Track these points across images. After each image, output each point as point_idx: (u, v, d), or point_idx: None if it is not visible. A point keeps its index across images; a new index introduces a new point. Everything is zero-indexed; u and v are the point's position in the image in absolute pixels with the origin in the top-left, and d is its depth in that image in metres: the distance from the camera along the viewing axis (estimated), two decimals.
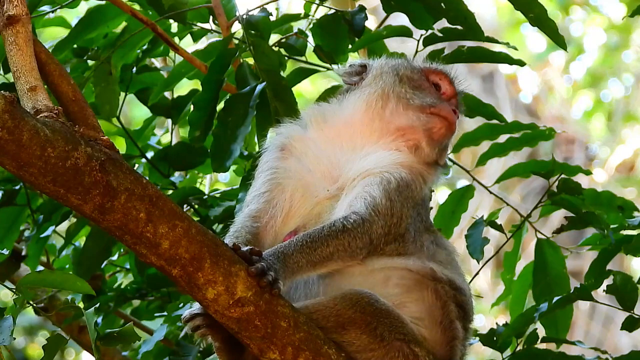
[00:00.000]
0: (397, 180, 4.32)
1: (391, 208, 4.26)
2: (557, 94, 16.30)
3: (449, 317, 4.22)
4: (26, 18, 4.05)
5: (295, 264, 4.02)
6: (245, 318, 3.86)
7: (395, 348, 4.08)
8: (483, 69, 15.29)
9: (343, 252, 4.12)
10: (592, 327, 14.15)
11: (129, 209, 3.70)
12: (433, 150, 4.45)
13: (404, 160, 4.39)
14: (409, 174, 4.37)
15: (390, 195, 4.27)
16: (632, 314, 4.89)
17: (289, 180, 4.38)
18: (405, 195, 4.31)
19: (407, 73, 4.56)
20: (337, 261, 4.12)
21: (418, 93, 4.51)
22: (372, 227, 4.19)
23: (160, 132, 6.43)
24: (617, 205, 5.30)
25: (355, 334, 4.05)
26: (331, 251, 4.10)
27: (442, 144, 4.48)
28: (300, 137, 4.47)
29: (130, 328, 4.25)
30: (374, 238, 4.19)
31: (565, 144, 15.37)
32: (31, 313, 6.72)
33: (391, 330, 4.08)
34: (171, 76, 5.69)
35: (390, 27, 5.41)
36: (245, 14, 5.50)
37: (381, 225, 4.21)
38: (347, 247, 4.13)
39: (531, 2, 5.03)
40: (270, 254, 3.98)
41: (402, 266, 4.24)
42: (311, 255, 4.06)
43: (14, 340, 4.08)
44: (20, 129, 3.52)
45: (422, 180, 4.42)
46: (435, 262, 4.32)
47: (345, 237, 4.13)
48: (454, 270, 4.38)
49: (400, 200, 4.29)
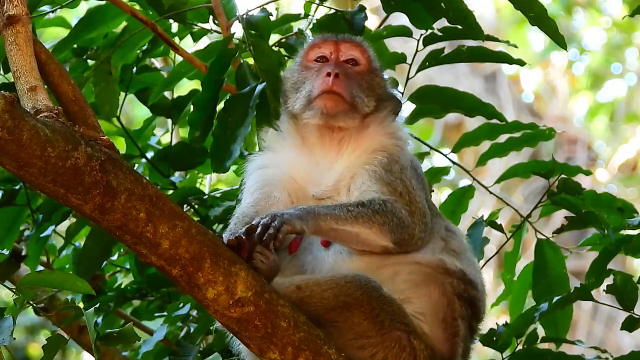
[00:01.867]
0: (379, 162, 4.31)
1: (395, 190, 4.25)
2: (559, 94, 16.28)
3: (452, 315, 4.21)
4: (26, 18, 4.06)
5: (323, 222, 4.08)
6: (245, 318, 3.87)
7: (393, 338, 4.07)
8: (485, 69, 15.27)
9: (368, 221, 4.13)
10: (594, 327, 14.13)
11: (129, 209, 3.70)
12: (349, 118, 4.38)
13: (364, 145, 4.38)
14: (380, 150, 4.35)
15: (386, 180, 4.27)
16: (632, 314, 4.89)
17: (278, 183, 4.39)
18: (396, 170, 4.30)
19: (290, 81, 4.53)
20: (361, 227, 4.13)
21: (301, 91, 4.46)
22: (394, 207, 4.18)
23: (160, 132, 6.44)
24: (617, 206, 5.30)
25: (358, 318, 4.04)
26: (355, 215, 4.12)
27: (343, 107, 4.36)
28: (278, 148, 4.50)
29: (130, 328, 4.25)
30: (402, 218, 4.18)
31: (568, 144, 15.35)
32: (32, 312, 6.71)
33: (392, 319, 4.08)
34: (171, 76, 5.69)
35: (390, 27, 5.41)
36: (245, 14, 5.50)
37: (401, 205, 4.21)
38: (373, 218, 4.14)
39: (531, 2, 5.03)
40: (300, 208, 4.07)
41: (411, 260, 4.22)
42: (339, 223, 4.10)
43: (14, 340, 4.07)
44: (20, 129, 3.53)
45: (392, 139, 4.40)
46: (448, 251, 4.30)
47: (369, 211, 4.14)
48: (467, 260, 4.35)
49: (397, 178, 4.28)
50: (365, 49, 4.55)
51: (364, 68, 4.50)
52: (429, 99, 5.50)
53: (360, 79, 4.46)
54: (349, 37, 4.58)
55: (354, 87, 4.41)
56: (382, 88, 4.51)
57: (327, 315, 4.03)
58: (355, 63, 4.50)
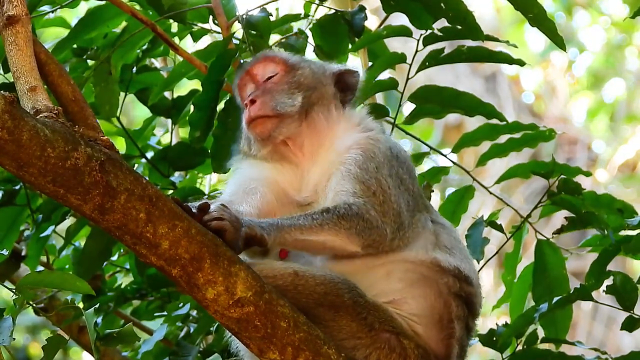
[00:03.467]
0: (354, 161, 4.26)
1: (365, 183, 4.20)
2: (559, 94, 16.28)
3: (449, 317, 4.21)
4: (26, 18, 4.06)
5: (287, 234, 4.02)
6: (245, 318, 3.86)
7: (383, 339, 4.07)
8: (485, 70, 15.27)
9: (333, 227, 4.08)
10: (594, 327, 14.13)
11: (129, 209, 3.70)
12: (284, 126, 4.35)
13: (337, 144, 4.35)
14: (354, 147, 4.31)
15: (362, 175, 4.22)
16: (632, 314, 4.89)
17: (264, 181, 4.39)
18: (371, 168, 4.25)
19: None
20: (327, 234, 4.08)
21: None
22: (361, 209, 4.12)
23: (160, 132, 6.43)
24: (617, 208, 5.30)
25: (346, 320, 4.04)
26: (319, 223, 4.07)
27: (271, 123, 4.34)
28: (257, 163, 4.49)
29: (130, 328, 4.25)
30: (370, 219, 4.13)
31: (568, 144, 15.35)
32: (33, 312, 6.71)
33: (381, 321, 4.08)
34: (171, 76, 5.69)
35: (390, 27, 5.40)
36: (245, 14, 5.50)
37: (371, 206, 4.15)
38: (339, 223, 4.08)
39: (531, 2, 5.03)
40: (263, 220, 4.01)
41: (404, 258, 4.20)
42: (304, 233, 4.05)
43: (14, 340, 4.07)
44: (20, 129, 3.52)
45: (364, 132, 4.36)
46: (440, 248, 4.27)
47: (334, 216, 4.08)
48: (460, 254, 4.31)
49: (372, 177, 4.23)
50: (274, 55, 4.57)
51: (282, 71, 4.48)
52: (428, 99, 5.50)
53: (280, 84, 4.44)
54: (255, 59, 4.58)
55: (274, 97, 4.39)
56: (310, 76, 4.47)
57: (316, 311, 4.02)
58: (273, 74, 4.49)
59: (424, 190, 5.25)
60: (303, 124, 4.39)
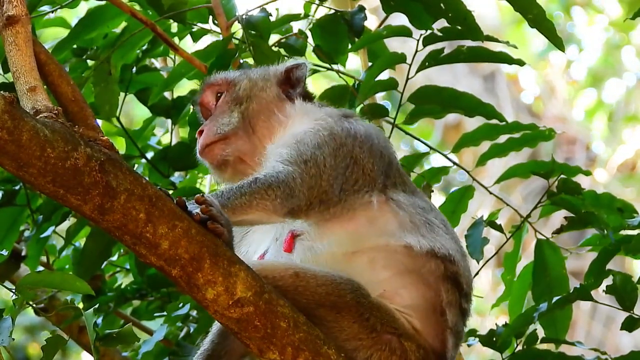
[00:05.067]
0: (294, 135, 4.29)
1: (301, 155, 4.20)
2: (558, 94, 16.29)
3: (441, 307, 4.17)
4: (26, 18, 4.06)
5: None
6: (245, 318, 3.86)
7: (384, 341, 4.07)
8: (484, 69, 15.28)
9: (261, 200, 4.09)
10: (593, 327, 14.14)
11: (129, 209, 3.70)
12: (231, 146, 4.41)
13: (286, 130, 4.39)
14: (303, 130, 4.32)
15: (299, 147, 4.23)
16: (632, 314, 4.89)
17: None
18: (310, 142, 4.25)
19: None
20: (255, 210, 4.10)
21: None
22: (288, 176, 4.14)
23: (160, 132, 6.43)
24: (617, 207, 5.30)
25: (348, 321, 4.04)
26: (248, 199, 4.08)
27: (218, 148, 4.42)
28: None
29: (130, 328, 4.24)
30: (294, 187, 4.13)
31: (567, 144, 15.36)
32: (32, 312, 6.71)
33: (383, 323, 4.07)
34: (171, 76, 5.69)
35: (390, 27, 5.40)
36: (245, 14, 5.51)
37: (299, 174, 4.15)
38: (265, 195, 4.09)
39: (530, 3, 5.03)
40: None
41: (378, 244, 4.16)
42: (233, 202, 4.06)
43: (13, 340, 4.07)
44: (20, 129, 3.52)
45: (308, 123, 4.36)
46: (408, 230, 4.20)
47: (262, 186, 4.10)
48: (431, 232, 4.24)
49: (309, 148, 4.23)
50: (215, 79, 4.63)
51: (225, 91, 4.57)
52: (428, 99, 5.50)
53: (222, 106, 4.53)
54: (201, 89, 4.66)
55: (217, 122, 4.49)
56: (247, 87, 4.54)
57: (317, 312, 4.02)
58: (219, 96, 4.57)
59: (424, 190, 5.26)
60: (252, 137, 4.47)
